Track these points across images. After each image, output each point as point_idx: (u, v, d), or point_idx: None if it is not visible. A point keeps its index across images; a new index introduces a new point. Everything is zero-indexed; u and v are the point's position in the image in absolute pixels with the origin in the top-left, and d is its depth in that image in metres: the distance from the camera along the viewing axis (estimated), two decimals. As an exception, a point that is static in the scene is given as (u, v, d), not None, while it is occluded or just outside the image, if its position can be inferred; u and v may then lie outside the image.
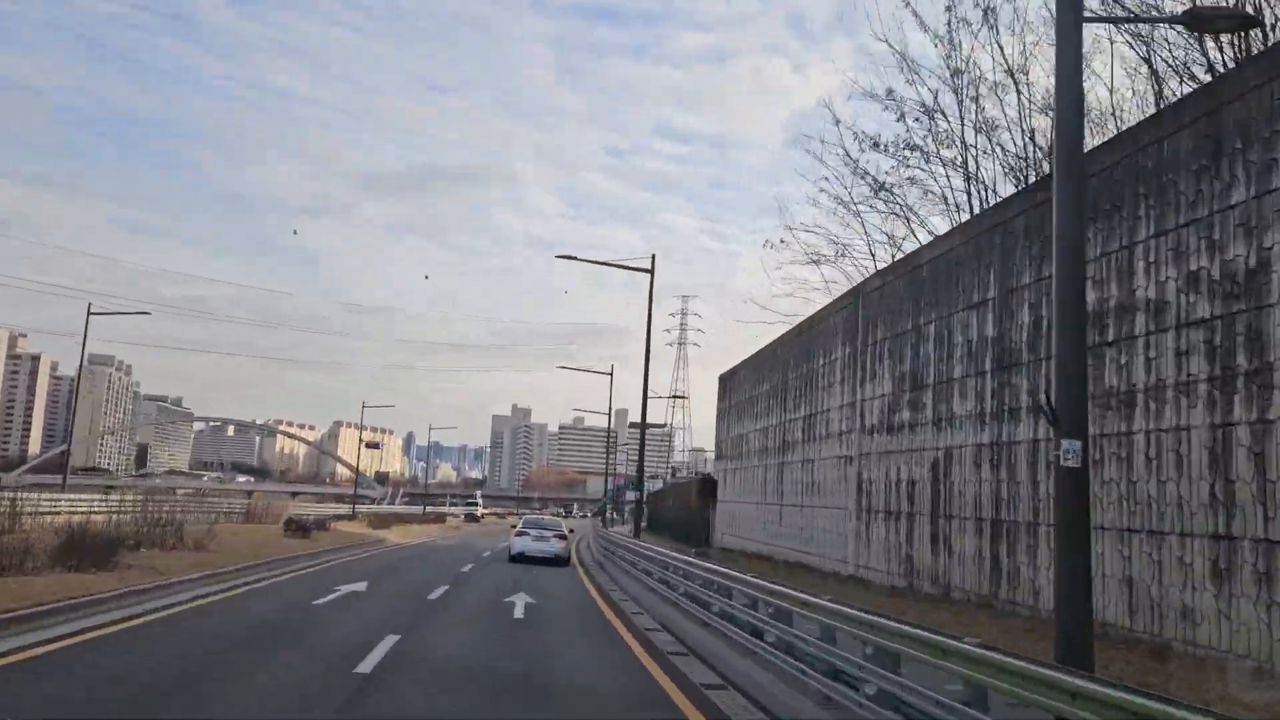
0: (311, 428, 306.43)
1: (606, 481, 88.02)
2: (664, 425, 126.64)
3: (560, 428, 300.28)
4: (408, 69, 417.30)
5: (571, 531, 34.21)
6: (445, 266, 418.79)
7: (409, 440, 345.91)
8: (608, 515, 78.89)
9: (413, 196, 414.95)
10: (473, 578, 20.26)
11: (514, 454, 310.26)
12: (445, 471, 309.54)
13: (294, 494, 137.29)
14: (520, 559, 26.14)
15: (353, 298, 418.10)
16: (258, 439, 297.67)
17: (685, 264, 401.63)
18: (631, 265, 30.28)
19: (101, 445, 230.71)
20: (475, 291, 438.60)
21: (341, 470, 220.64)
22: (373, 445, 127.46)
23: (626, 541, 26.03)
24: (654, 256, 29.90)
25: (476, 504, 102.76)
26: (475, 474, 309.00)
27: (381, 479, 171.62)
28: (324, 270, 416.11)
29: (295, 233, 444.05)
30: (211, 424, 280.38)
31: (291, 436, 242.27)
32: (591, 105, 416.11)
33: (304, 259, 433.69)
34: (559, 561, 26.27)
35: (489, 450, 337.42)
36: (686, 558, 15.86)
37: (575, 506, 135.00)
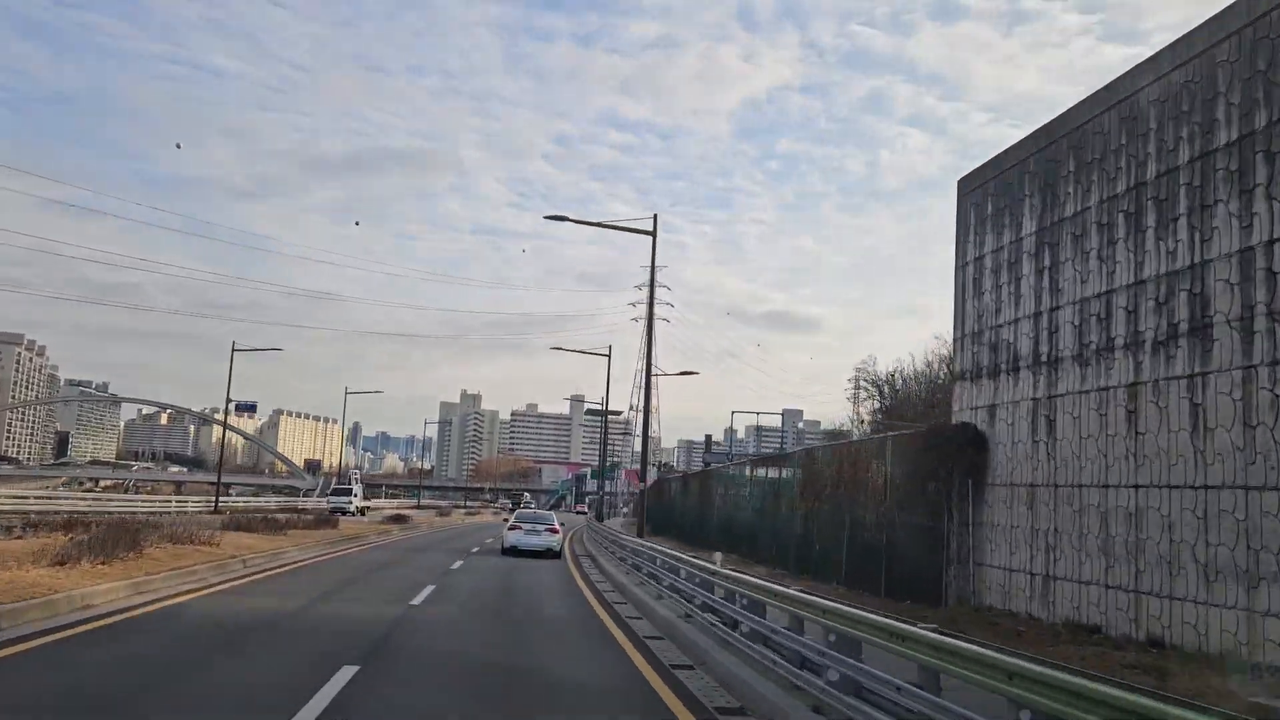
0: (252, 416, 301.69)
1: (602, 473, 79.79)
2: (620, 413, 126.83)
3: (513, 414, 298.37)
4: (349, 52, 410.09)
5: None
6: (391, 253, 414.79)
7: (355, 430, 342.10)
8: (603, 510, 72.75)
9: (357, 181, 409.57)
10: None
11: (463, 442, 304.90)
12: (392, 462, 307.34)
13: (228, 486, 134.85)
14: (513, 552, 27.01)
15: (296, 284, 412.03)
16: (193, 428, 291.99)
17: (630, 254, 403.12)
18: (632, 227, 26.82)
19: (9, 432, 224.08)
20: (421, 279, 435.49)
21: (277, 461, 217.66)
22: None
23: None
24: (655, 217, 26.68)
25: (349, 492, 66.47)
26: (425, 464, 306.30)
27: (312, 468, 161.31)
28: (265, 255, 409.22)
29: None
30: (143, 412, 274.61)
31: (215, 422, 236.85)
32: (538, 93, 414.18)
33: (245, 243, 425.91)
34: (550, 554, 27.30)
35: (436, 439, 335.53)
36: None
37: (528, 496, 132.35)
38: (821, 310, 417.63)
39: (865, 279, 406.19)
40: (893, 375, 61.24)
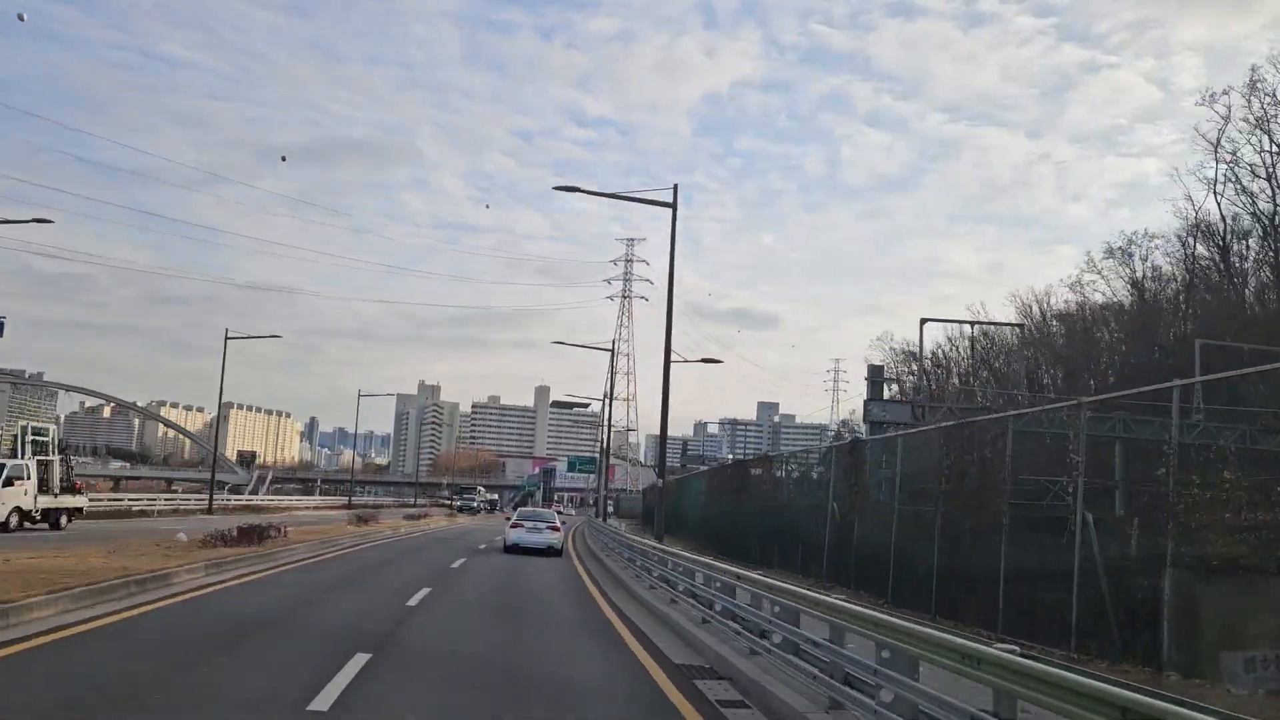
0: (200, 409, 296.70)
1: (604, 467, 74.04)
2: (589, 404, 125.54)
3: (473, 406, 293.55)
4: (306, 42, 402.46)
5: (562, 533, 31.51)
6: (348, 247, 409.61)
7: (312, 425, 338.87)
8: (604, 509, 67.54)
9: (313, 174, 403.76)
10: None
11: (420, 435, 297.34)
12: (350, 458, 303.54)
13: (170, 481, 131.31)
14: (515, 550, 27.98)
15: (250, 276, 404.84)
16: (137, 421, 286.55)
17: (594, 249, 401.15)
18: (650, 199, 24.93)
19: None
20: (380, 273, 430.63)
21: (229, 455, 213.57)
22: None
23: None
24: (675, 187, 25.03)
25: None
26: (382, 460, 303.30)
27: (245, 460, 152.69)
28: (217, 247, 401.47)
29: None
30: (85, 404, 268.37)
31: (155, 418, 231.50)
32: (499, 86, 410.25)
33: (197, 234, 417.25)
34: (552, 552, 28.26)
35: (393, 433, 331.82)
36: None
37: (483, 491, 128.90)
38: (783, 307, 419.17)
39: (826, 276, 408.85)
40: (935, 352, 54.44)
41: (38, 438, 31.04)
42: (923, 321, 39.49)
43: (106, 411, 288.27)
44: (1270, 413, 15.25)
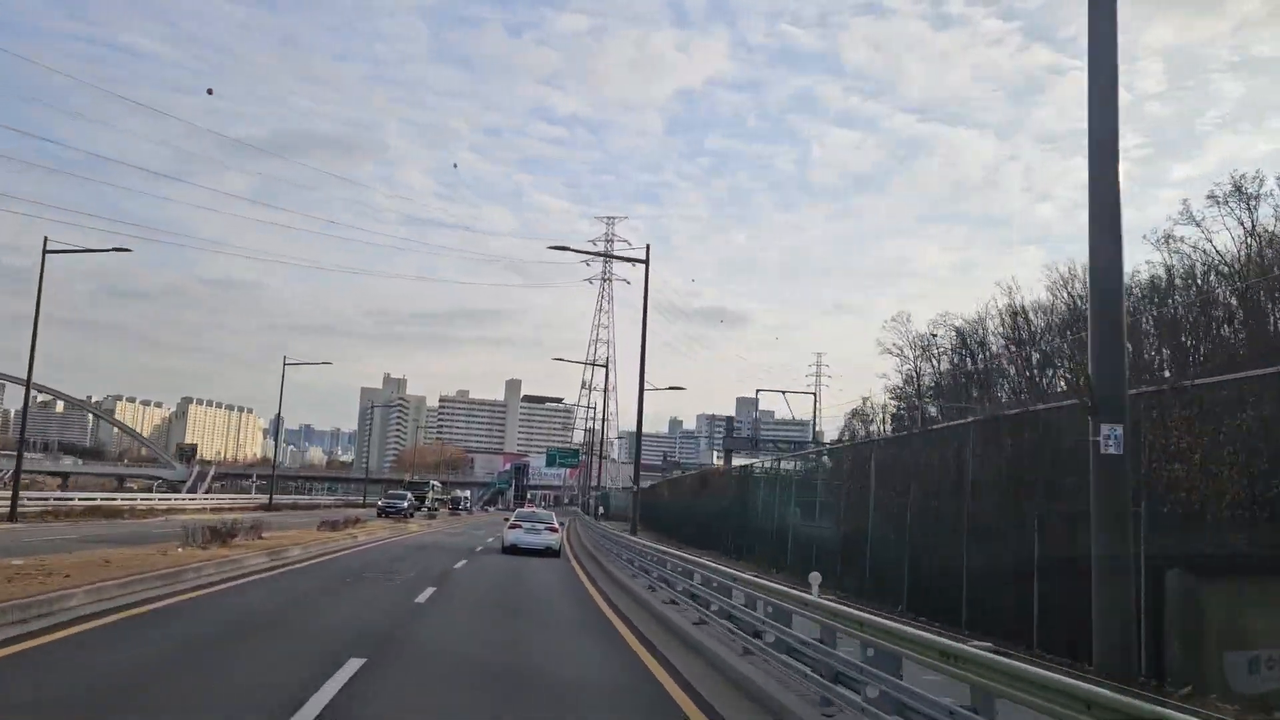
0: (159, 405, 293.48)
1: (589, 466, 75.19)
2: (561, 400, 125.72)
3: (441, 400, 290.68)
4: (271, 35, 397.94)
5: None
6: (313, 244, 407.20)
7: (278, 422, 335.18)
8: (595, 508, 65.42)
9: (279, 169, 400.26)
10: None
11: (386, 431, 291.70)
12: (316, 455, 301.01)
13: (120, 479, 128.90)
14: (513, 550, 28.50)
15: (215, 272, 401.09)
16: (91, 416, 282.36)
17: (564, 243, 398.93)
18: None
19: None
20: (348, 269, 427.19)
21: (199, 450, 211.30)
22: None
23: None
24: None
25: None
26: (348, 457, 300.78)
27: (185, 454, 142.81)
28: (182, 241, 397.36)
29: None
30: (38, 399, 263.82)
31: (95, 413, 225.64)
32: (467, 83, 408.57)
33: (162, 228, 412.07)
34: (550, 553, 28.76)
35: (357, 429, 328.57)
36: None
37: (437, 485, 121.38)
38: (754, 305, 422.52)
39: (797, 275, 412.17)
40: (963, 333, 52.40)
41: None
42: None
43: (60, 407, 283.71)
44: None
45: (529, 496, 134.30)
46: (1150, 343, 39.63)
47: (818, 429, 79.32)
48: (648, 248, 29.14)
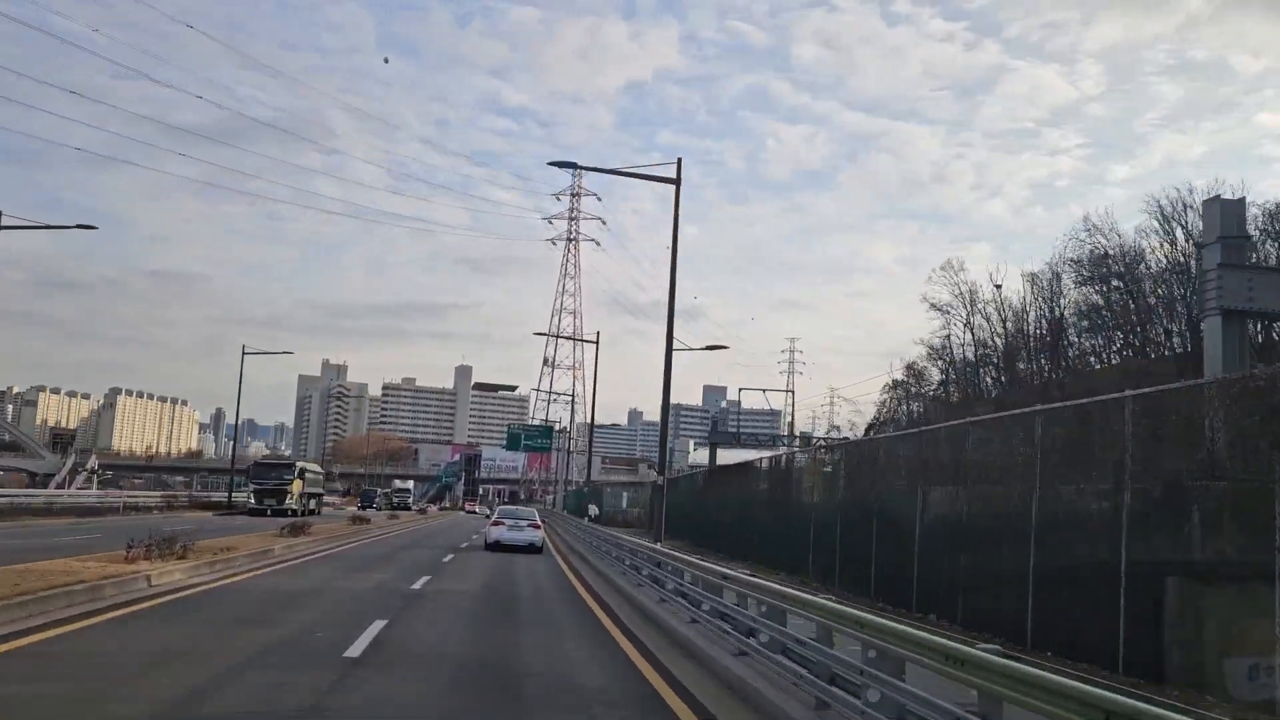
0: (87, 397, 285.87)
1: (589, 457, 68.01)
2: (515, 388, 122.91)
3: (385, 388, 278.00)
4: (212, 21, 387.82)
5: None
6: (257, 236, 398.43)
7: (218, 417, 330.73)
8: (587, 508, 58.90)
9: (222, 158, 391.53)
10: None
11: (325, 421, 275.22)
12: (258, 450, 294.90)
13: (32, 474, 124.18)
14: (496, 547, 29.13)
15: (154, 263, 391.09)
16: (10, 408, 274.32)
17: (511, 240, 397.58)
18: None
19: None
20: (295, 261, 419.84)
21: (116, 442, 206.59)
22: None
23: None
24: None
25: None
26: (290, 452, 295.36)
27: (61, 442, 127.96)
28: (119, 230, 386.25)
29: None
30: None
31: None
32: (415, 75, 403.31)
33: (97, 217, 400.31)
34: (533, 549, 29.39)
35: (294, 419, 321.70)
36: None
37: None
38: (707, 300, 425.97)
39: (747, 270, 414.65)
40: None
41: None
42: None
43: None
44: None
45: (481, 492, 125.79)
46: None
47: (787, 419, 76.32)
48: (679, 162, 25.01)
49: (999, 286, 47.34)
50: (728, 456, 55.59)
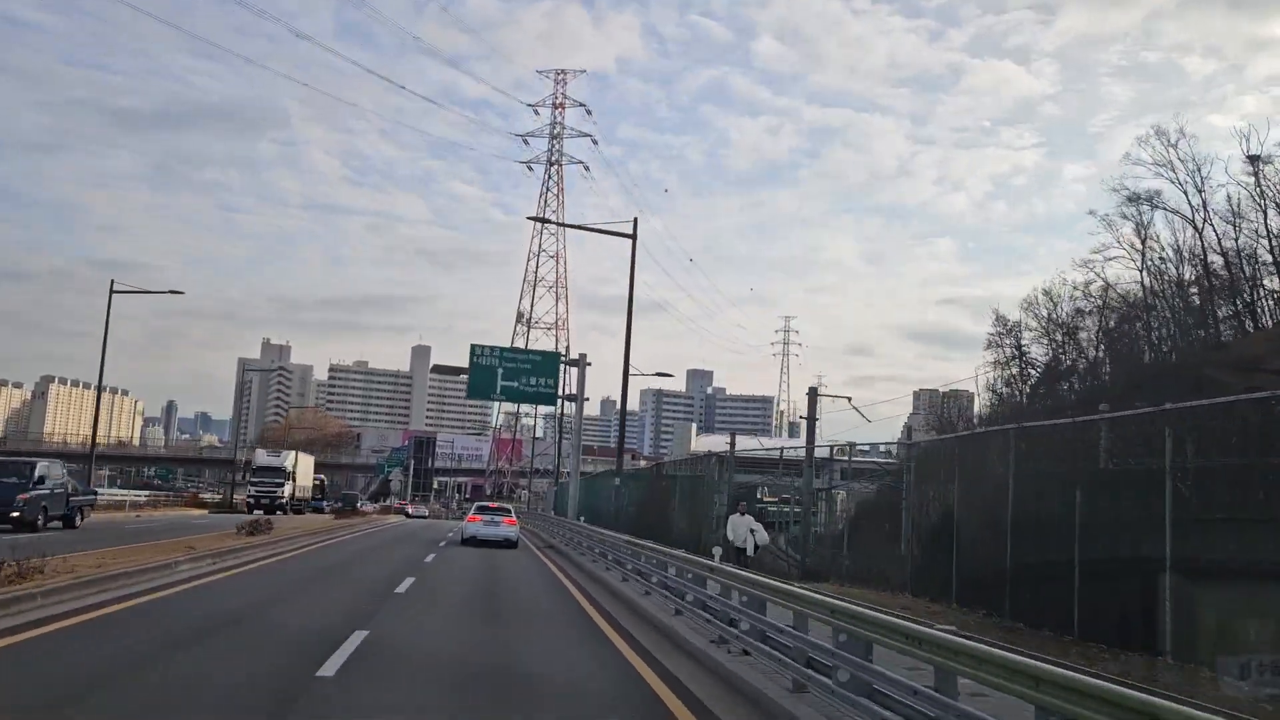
0: (19, 386, 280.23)
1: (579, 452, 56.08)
2: (462, 372, 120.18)
3: (332, 370, 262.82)
4: (165, 8, 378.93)
5: None
6: (210, 228, 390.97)
7: (170, 409, 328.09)
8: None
9: (173, 145, 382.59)
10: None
11: (264, 406, 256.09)
12: (210, 442, 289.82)
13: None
14: (473, 542, 30.80)
15: (102, 252, 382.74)
16: None
17: (476, 236, 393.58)
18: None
19: None
20: (248, 253, 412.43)
21: (54, 431, 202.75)
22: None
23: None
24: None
25: None
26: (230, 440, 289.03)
27: None
28: (64, 218, 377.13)
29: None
30: None
31: None
32: (374, 64, 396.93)
33: (42, 204, 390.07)
34: (509, 544, 30.96)
35: (234, 405, 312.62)
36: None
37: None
38: (670, 295, 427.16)
39: (709, 264, 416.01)
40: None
41: None
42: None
43: None
44: None
45: (436, 486, 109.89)
46: None
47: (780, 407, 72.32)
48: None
49: (1256, 159, 28.88)
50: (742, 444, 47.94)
